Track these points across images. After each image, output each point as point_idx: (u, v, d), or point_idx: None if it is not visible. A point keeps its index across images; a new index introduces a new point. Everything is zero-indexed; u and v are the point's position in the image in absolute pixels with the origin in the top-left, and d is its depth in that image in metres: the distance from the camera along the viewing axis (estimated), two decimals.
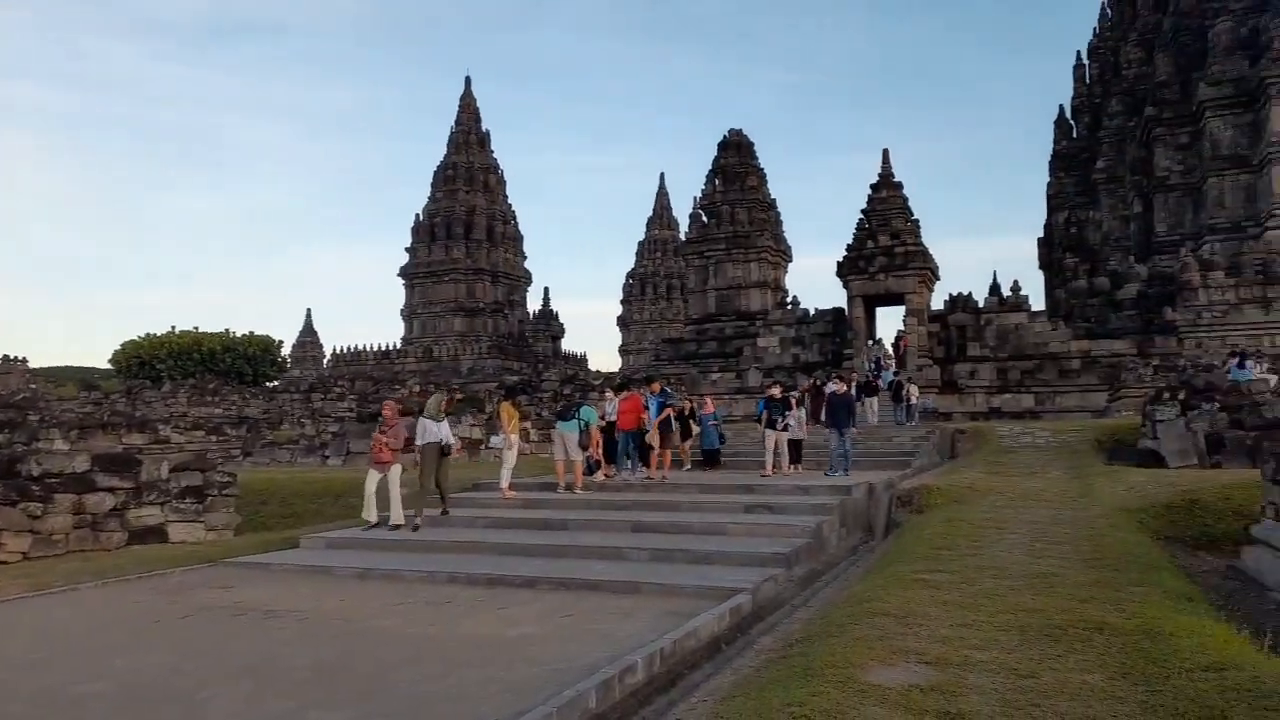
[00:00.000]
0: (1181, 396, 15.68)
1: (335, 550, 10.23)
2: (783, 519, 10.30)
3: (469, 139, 62.96)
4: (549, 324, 68.56)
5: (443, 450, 11.40)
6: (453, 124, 63.63)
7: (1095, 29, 59.99)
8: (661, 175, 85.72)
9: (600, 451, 14.22)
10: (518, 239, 65.14)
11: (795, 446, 14.81)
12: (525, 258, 66.15)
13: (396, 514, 11.02)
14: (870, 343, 32.26)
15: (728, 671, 5.33)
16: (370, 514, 11.20)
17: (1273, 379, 20.90)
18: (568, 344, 71.05)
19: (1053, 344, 31.18)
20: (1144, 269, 39.77)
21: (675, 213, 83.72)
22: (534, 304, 68.70)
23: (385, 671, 5.41)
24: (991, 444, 19.00)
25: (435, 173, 62.83)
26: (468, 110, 63.84)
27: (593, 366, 66.48)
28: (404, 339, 61.71)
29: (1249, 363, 21.97)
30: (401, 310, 62.61)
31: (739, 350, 37.41)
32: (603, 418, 14.30)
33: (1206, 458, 14.12)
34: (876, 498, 12.25)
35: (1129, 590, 6.00)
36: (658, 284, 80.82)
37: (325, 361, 67.77)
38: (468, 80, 76.37)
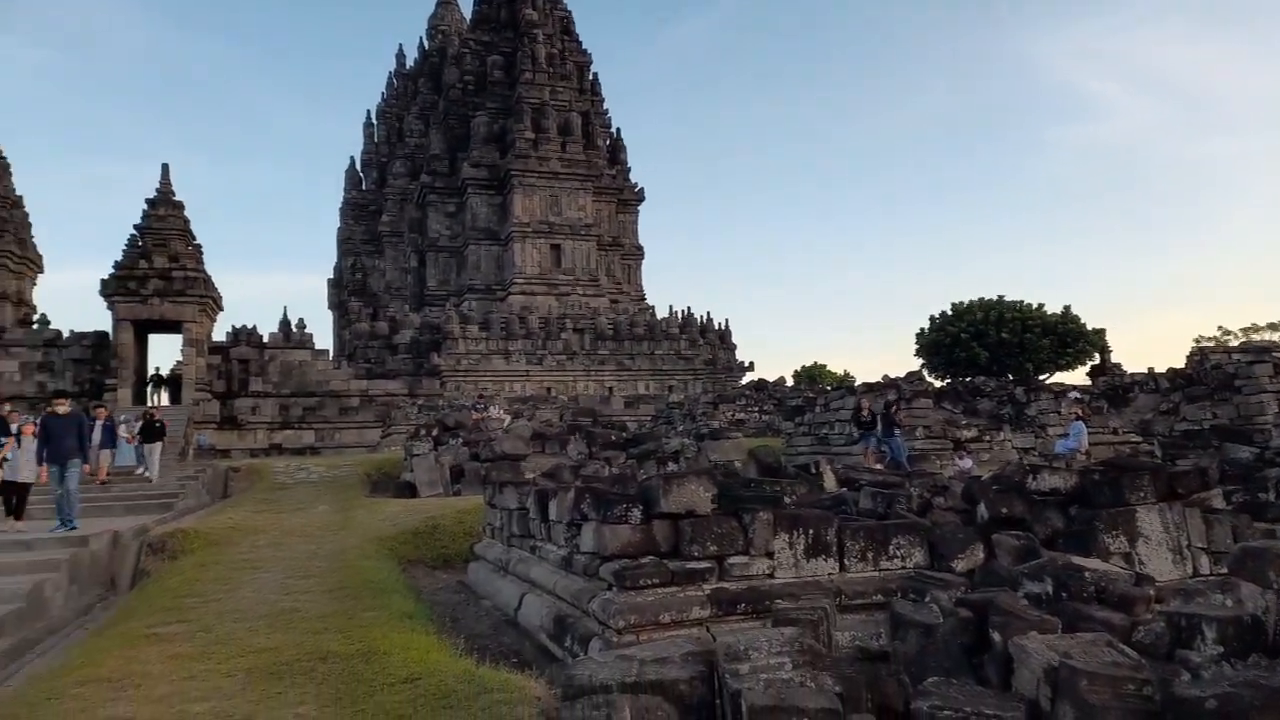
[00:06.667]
0: (435, 433, 17.72)
1: None
2: None
3: None
4: None
5: None
6: None
7: (384, 94, 65.51)
8: None
9: None
10: None
11: (20, 494, 12.14)
12: None
13: None
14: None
15: None
16: None
17: (507, 419, 25.17)
18: None
19: (334, 382, 32.42)
20: (418, 318, 44.36)
21: None
22: None
23: None
24: (266, 481, 18.74)
25: None
26: None
27: None
28: None
29: (492, 408, 25.99)
30: None
31: None
32: None
33: (450, 487, 16.16)
34: (124, 547, 10.93)
35: (361, 616, 6.40)
36: None
37: None
38: None
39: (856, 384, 26.51)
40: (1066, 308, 45.46)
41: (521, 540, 8.32)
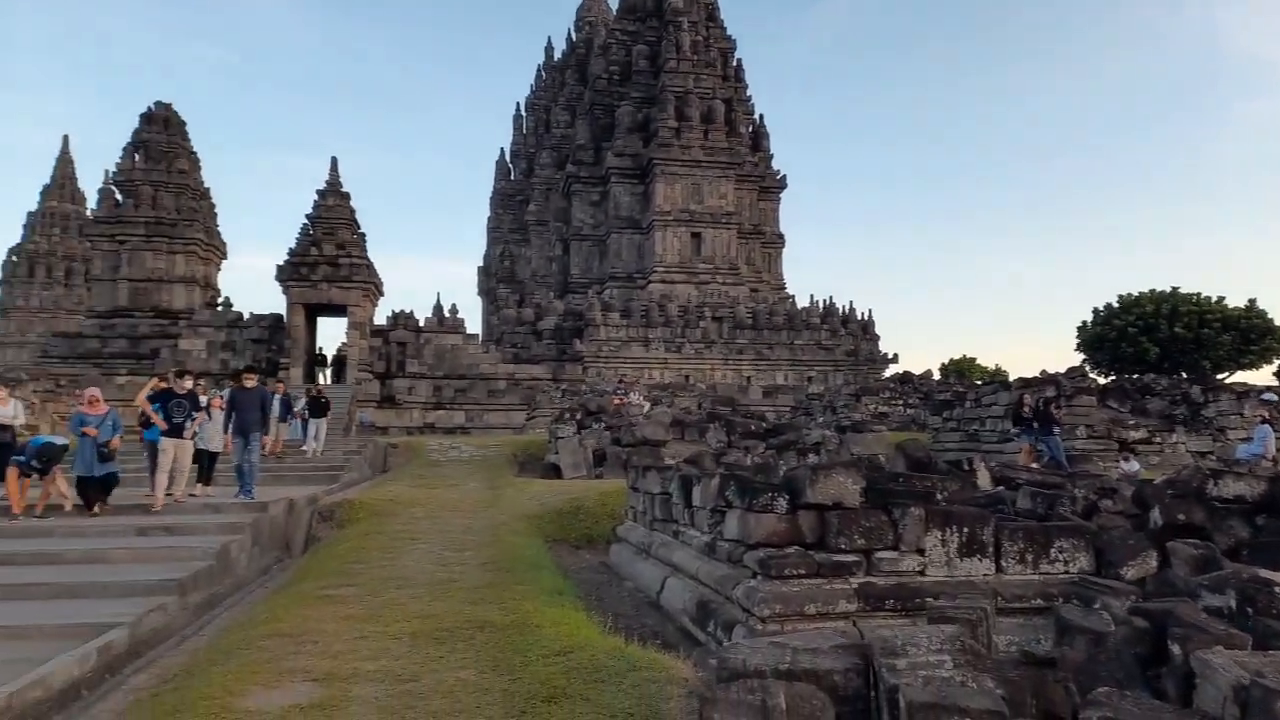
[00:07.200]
0: (578, 417, 18.17)
1: None
2: (183, 541, 9.29)
3: None
4: None
5: None
6: None
7: (532, 86, 67.32)
8: (65, 138, 70.05)
9: None
10: None
11: (209, 461, 13.27)
12: None
13: None
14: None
15: None
16: None
17: (647, 405, 25.46)
18: None
19: (484, 365, 33.76)
20: (561, 305, 45.51)
21: (82, 185, 70.87)
22: None
23: None
24: (421, 458, 19.76)
25: None
26: None
27: None
28: None
29: (632, 394, 26.31)
30: None
31: (155, 352, 33.23)
32: None
33: (593, 469, 16.55)
34: (297, 513, 11.80)
35: (513, 589, 6.67)
36: (54, 266, 67.62)
37: None
38: None
39: (1010, 379, 25.26)
40: (1251, 301, 41.68)
41: (664, 524, 8.43)
